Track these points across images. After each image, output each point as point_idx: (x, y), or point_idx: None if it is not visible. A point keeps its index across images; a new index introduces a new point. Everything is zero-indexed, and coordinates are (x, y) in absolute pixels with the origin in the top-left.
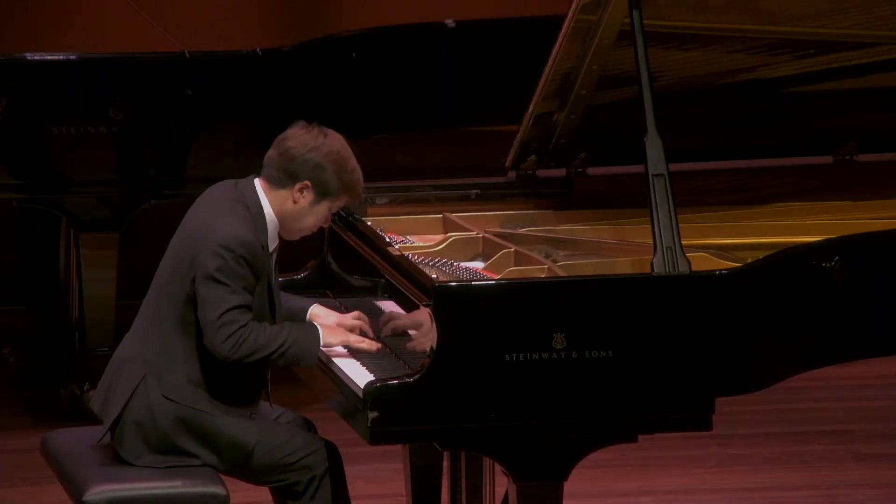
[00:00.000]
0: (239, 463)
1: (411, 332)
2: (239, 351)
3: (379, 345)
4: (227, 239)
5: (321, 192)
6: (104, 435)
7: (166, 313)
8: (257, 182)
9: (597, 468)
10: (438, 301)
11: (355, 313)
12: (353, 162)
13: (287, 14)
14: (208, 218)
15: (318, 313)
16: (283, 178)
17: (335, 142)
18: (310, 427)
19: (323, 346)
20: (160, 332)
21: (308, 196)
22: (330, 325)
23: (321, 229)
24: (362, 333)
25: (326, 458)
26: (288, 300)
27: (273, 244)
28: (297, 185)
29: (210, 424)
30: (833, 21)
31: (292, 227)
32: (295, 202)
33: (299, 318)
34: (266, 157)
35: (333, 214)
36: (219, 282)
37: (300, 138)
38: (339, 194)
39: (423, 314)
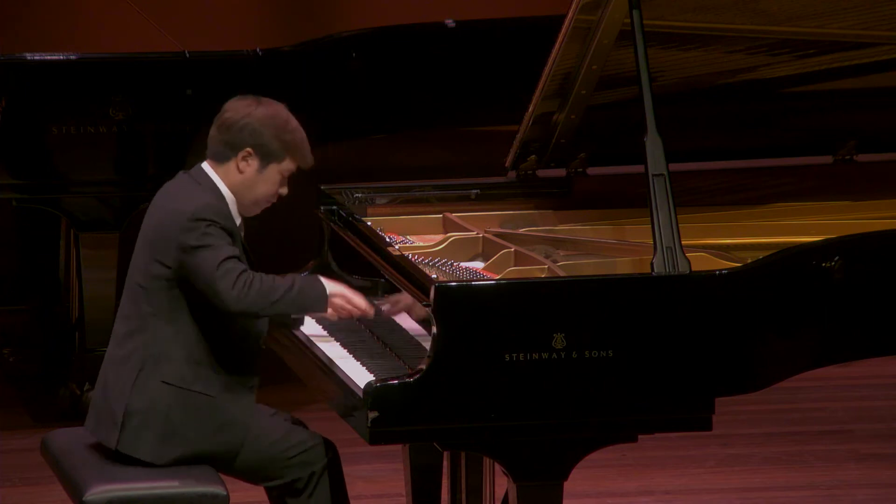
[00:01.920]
0: (237, 452)
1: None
2: (249, 294)
3: (372, 309)
4: (196, 210)
5: (264, 156)
6: (115, 441)
7: (146, 307)
8: (205, 164)
9: (597, 468)
10: (438, 301)
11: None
12: (293, 123)
13: (287, 14)
14: (169, 205)
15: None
16: (226, 151)
17: (270, 106)
18: (304, 427)
19: (330, 294)
20: (146, 325)
21: (253, 163)
22: (337, 286)
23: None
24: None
25: (325, 454)
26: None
27: (237, 220)
28: (240, 154)
29: (211, 406)
30: (833, 21)
31: (246, 199)
32: (241, 171)
33: None
34: (208, 137)
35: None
36: (202, 247)
37: (234, 108)
38: (284, 156)
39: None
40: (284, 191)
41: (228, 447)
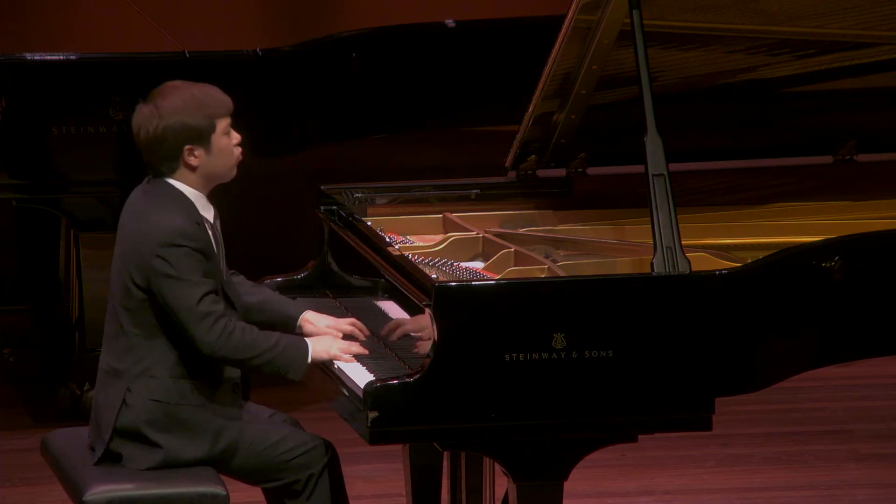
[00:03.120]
0: (235, 456)
1: (413, 333)
2: (227, 344)
3: (366, 351)
4: (166, 236)
5: (201, 137)
6: (101, 456)
7: (128, 325)
8: (162, 181)
9: (597, 468)
10: (438, 301)
11: (350, 320)
12: (192, 90)
13: (287, 14)
14: (138, 220)
15: (310, 319)
16: (170, 162)
17: (165, 97)
18: (300, 428)
19: (313, 357)
20: (129, 344)
21: (199, 152)
22: (321, 336)
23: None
24: (355, 339)
25: (324, 455)
26: (280, 304)
27: (210, 214)
28: (183, 156)
29: (201, 417)
30: (833, 21)
31: (215, 177)
32: (196, 167)
33: (290, 325)
34: (146, 162)
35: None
36: (177, 279)
37: (142, 123)
38: (212, 120)
39: (426, 318)
40: (237, 137)
41: (225, 452)
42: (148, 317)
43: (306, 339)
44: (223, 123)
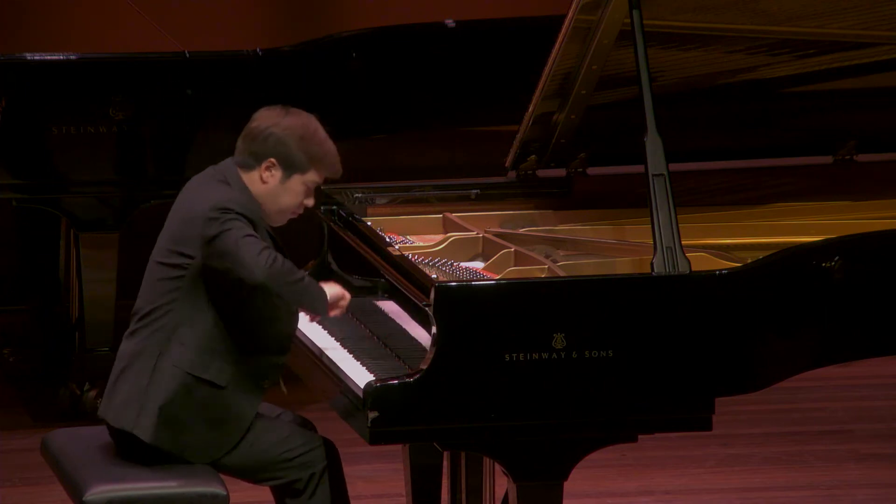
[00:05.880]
0: (237, 453)
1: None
2: (274, 266)
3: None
4: (219, 202)
5: (288, 167)
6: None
7: (165, 291)
8: (235, 167)
9: (597, 468)
10: (438, 301)
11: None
12: (321, 134)
13: (287, 14)
14: (192, 196)
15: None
16: (251, 160)
17: (298, 117)
18: (310, 427)
19: (329, 296)
20: (164, 310)
21: (276, 173)
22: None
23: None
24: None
25: (325, 455)
26: None
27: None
28: (264, 164)
29: (217, 397)
30: (833, 21)
31: (271, 209)
32: (265, 182)
33: None
34: (236, 145)
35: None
36: (224, 231)
37: (262, 118)
38: (308, 167)
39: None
40: (310, 202)
41: (225, 442)
42: (185, 284)
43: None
44: (313, 177)
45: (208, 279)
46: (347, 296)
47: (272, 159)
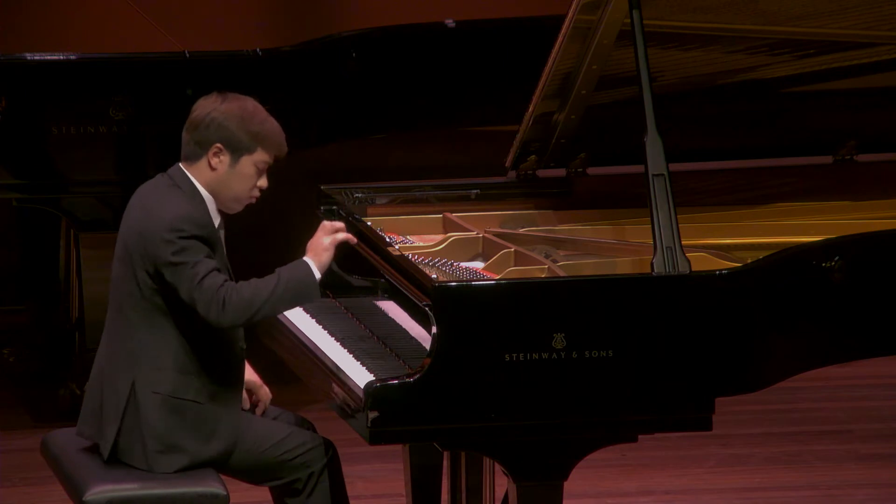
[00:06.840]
0: (237, 455)
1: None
2: (226, 312)
3: (354, 239)
4: (172, 221)
5: (235, 150)
6: (109, 453)
7: (132, 315)
8: (181, 165)
9: (597, 468)
10: (438, 301)
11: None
12: (262, 114)
13: (287, 14)
14: (146, 210)
15: (308, 248)
16: (197, 150)
17: (236, 100)
18: (309, 426)
19: (319, 269)
20: (132, 335)
21: (224, 158)
22: (313, 242)
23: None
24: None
25: (324, 455)
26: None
27: (216, 220)
28: (211, 151)
29: (203, 412)
30: (833, 21)
31: (224, 196)
32: (214, 168)
33: None
34: (182, 140)
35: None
36: (180, 263)
37: (200, 107)
38: (255, 146)
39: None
40: (263, 183)
41: (224, 451)
42: (149, 306)
43: (303, 258)
44: (261, 156)
45: (168, 302)
46: (338, 224)
47: (218, 144)
